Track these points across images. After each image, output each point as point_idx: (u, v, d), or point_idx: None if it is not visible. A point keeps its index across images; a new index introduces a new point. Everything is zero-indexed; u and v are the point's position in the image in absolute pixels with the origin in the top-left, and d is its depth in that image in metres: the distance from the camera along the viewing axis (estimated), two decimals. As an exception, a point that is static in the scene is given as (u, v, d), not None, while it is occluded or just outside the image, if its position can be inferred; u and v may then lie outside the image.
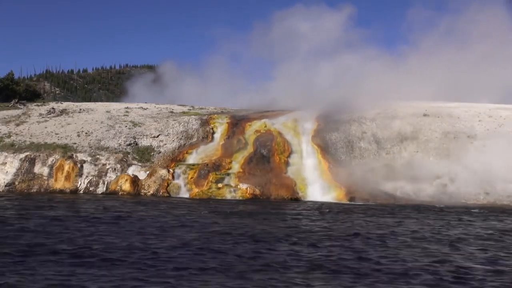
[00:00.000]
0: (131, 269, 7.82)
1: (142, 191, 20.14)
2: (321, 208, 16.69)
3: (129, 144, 22.93)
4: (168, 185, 20.18)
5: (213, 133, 24.10)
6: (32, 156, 21.55)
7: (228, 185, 19.85)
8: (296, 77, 38.59)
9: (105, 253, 8.83)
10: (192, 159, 22.18)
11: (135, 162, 21.76)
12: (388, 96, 26.84)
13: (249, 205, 17.03)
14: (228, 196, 19.36)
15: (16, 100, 29.75)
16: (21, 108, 27.92)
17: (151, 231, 11.25)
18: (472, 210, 16.64)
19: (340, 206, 17.29)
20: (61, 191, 20.25)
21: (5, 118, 25.68)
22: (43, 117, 25.74)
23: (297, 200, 19.26)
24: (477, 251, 9.74)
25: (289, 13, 48.42)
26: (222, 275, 7.60)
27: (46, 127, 24.28)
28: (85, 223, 12.11)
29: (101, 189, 20.49)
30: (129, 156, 22.11)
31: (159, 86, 56.64)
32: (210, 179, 20.12)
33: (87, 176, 20.89)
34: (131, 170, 21.12)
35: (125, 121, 25.40)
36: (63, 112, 26.74)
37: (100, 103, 32.30)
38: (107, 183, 20.61)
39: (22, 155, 21.59)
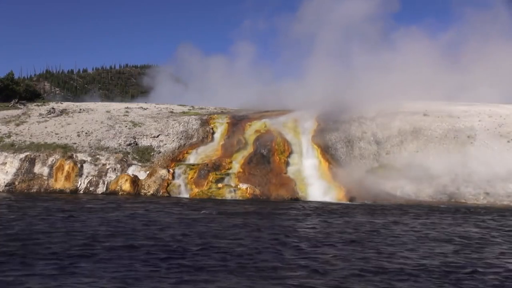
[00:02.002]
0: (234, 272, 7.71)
1: (142, 191, 20.14)
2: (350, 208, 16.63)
3: (129, 144, 22.93)
4: (168, 185, 20.17)
5: (213, 133, 24.11)
6: (32, 156, 21.55)
7: (228, 185, 19.84)
8: (330, 72, 35.79)
9: (207, 257, 8.61)
10: (192, 159, 22.18)
11: (135, 162, 21.76)
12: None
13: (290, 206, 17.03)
14: (228, 196, 19.35)
15: (16, 100, 29.78)
16: (21, 108, 27.93)
17: (218, 233, 11.01)
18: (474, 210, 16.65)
19: (365, 207, 17.21)
20: (61, 191, 20.25)
21: (5, 118, 25.69)
22: (43, 117, 25.76)
23: (297, 200, 19.23)
24: None
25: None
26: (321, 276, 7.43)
27: (46, 127, 24.29)
28: (153, 225, 11.75)
29: (101, 189, 20.48)
30: (129, 156, 22.11)
31: (182, 80, 54.60)
32: (210, 179, 20.12)
33: (87, 176, 20.89)
34: (131, 170, 21.12)
35: (125, 121, 25.40)
36: (63, 112, 26.76)
37: (100, 103, 32.32)
38: (107, 183, 20.61)
39: (22, 155, 21.59)
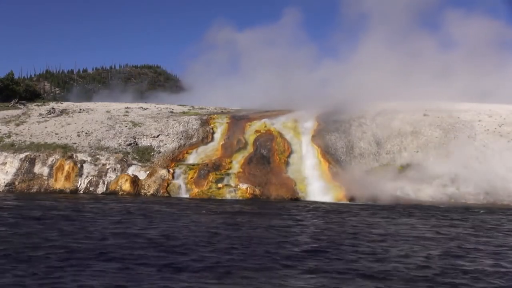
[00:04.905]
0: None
1: (142, 191, 20.13)
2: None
3: (129, 144, 22.93)
4: (168, 185, 20.17)
5: (213, 133, 24.11)
6: (32, 156, 21.55)
7: (228, 185, 19.84)
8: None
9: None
10: (192, 159, 22.18)
11: (135, 162, 21.75)
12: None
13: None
14: (228, 196, 19.35)
15: (16, 100, 29.79)
16: (21, 108, 27.94)
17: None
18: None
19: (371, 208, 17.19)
20: (61, 191, 20.24)
21: (5, 118, 25.69)
22: (43, 117, 25.76)
23: (297, 200, 19.24)
24: None
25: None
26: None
27: (46, 127, 24.29)
28: (236, 231, 11.41)
29: (101, 189, 20.48)
30: (129, 156, 22.10)
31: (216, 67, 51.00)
32: (210, 179, 20.12)
33: (87, 176, 20.89)
34: (131, 170, 21.12)
35: (125, 121, 25.40)
36: (63, 112, 26.76)
37: (100, 103, 32.27)
38: (107, 183, 20.61)
39: (22, 155, 21.58)
